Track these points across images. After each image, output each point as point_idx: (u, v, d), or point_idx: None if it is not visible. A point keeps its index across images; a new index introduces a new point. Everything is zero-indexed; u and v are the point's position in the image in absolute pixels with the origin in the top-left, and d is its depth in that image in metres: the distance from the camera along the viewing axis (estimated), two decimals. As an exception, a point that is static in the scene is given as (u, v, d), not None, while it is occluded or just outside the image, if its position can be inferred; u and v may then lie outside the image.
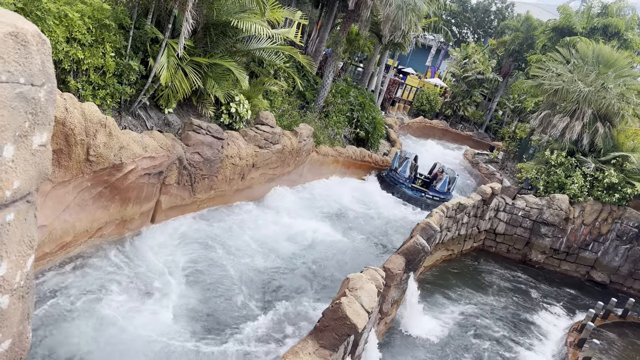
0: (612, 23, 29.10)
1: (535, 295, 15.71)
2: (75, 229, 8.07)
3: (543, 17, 39.41)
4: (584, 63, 20.37)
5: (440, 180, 20.26)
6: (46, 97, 2.51)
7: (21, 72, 2.29)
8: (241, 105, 12.62)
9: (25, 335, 2.87)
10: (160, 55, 9.94)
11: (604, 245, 18.37)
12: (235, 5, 11.53)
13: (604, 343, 12.38)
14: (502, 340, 12.00)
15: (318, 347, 5.87)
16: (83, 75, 8.71)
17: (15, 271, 2.58)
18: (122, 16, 9.53)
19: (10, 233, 2.47)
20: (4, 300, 2.54)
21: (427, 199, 19.55)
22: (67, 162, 7.14)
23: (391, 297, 9.36)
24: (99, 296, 7.53)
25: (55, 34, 7.80)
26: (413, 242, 10.00)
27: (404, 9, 18.74)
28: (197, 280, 9.02)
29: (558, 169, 19.25)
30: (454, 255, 16.43)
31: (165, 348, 6.99)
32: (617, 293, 17.50)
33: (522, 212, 18.27)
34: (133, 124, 10.07)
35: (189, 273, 9.15)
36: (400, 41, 25.66)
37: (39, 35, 2.39)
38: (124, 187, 8.64)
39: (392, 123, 30.65)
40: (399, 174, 20.13)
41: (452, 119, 42.75)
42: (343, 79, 24.71)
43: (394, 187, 19.87)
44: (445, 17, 51.14)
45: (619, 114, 19.23)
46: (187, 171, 10.26)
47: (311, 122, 17.23)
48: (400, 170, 20.27)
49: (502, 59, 41.34)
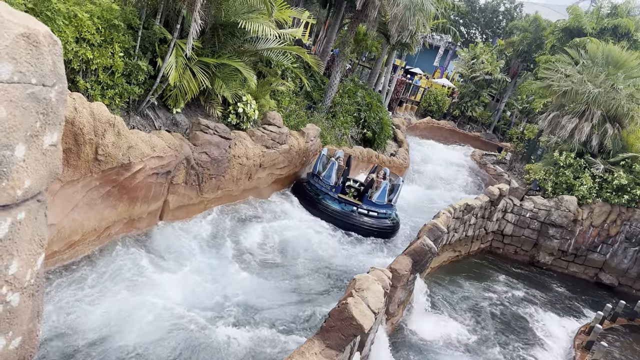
0: (622, 23, 28.86)
1: (543, 297, 15.62)
2: (84, 227, 8.12)
3: (552, 18, 39.17)
4: (593, 64, 20.23)
5: (378, 189, 14.60)
6: (57, 98, 2.53)
7: (33, 72, 2.31)
8: (249, 106, 12.65)
9: (35, 333, 2.90)
10: (169, 56, 9.98)
11: (612, 247, 18.23)
12: (243, 6, 11.55)
13: (612, 346, 12.29)
14: (509, 341, 11.95)
15: (324, 347, 5.88)
16: (92, 75, 8.77)
17: (26, 269, 2.61)
18: (130, 16, 9.58)
19: (21, 232, 2.50)
20: (14, 298, 2.57)
21: (360, 217, 14.17)
22: (76, 161, 7.19)
23: (398, 298, 9.35)
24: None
25: (65, 34, 7.86)
26: (420, 243, 9.99)
27: (412, 9, 18.71)
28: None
29: (567, 170, 19.13)
30: (461, 257, 16.37)
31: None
32: (625, 295, 17.36)
33: (530, 213, 18.18)
34: (141, 123, 10.12)
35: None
36: (408, 41, 25.60)
37: (50, 36, 2.42)
38: (132, 186, 8.69)
39: (400, 123, 30.59)
40: (322, 180, 14.48)
41: (460, 119, 42.59)
42: (350, 79, 24.70)
43: (315, 200, 14.38)
44: (453, 17, 50.95)
45: (628, 115, 19.08)
46: (194, 171, 10.30)
47: (318, 122, 17.24)
48: (323, 175, 14.54)
49: (511, 60, 41.13)
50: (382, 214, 14.46)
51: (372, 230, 14.05)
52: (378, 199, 14.37)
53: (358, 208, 14.19)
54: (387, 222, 14.57)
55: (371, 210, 14.27)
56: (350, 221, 14.03)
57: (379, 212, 14.37)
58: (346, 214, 14.09)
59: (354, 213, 14.12)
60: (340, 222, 14.02)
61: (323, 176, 14.47)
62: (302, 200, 14.59)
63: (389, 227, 14.56)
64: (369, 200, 14.35)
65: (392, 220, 14.82)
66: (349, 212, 14.13)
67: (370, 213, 14.23)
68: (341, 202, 14.22)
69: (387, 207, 14.68)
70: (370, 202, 14.35)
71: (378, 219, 14.35)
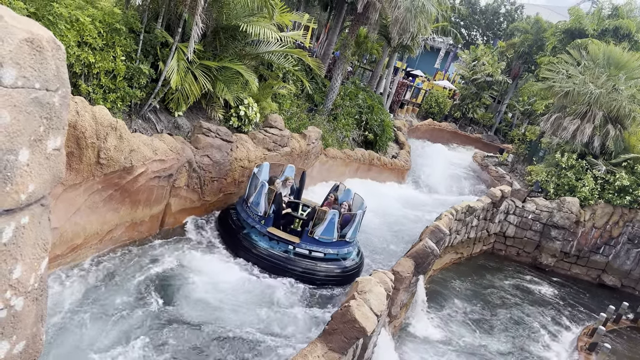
0: (623, 25, 28.86)
1: (546, 299, 15.59)
2: (86, 231, 8.14)
3: (552, 19, 39.18)
4: (594, 65, 20.22)
5: (322, 221, 10.43)
6: (60, 102, 2.54)
7: (36, 77, 2.32)
8: (250, 108, 12.67)
9: (38, 337, 2.90)
10: (171, 59, 10.01)
11: (615, 248, 18.19)
12: (245, 9, 11.59)
13: (615, 347, 12.25)
14: (512, 343, 11.92)
15: (327, 350, 5.88)
16: (94, 79, 8.80)
17: (30, 274, 2.61)
18: (132, 20, 9.62)
19: (25, 236, 2.50)
20: (18, 303, 2.57)
21: (298, 260, 10.30)
22: (78, 165, 7.21)
23: (400, 300, 9.34)
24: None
25: (67, 38, 7.89)
26: (422, 245, 9.98)
27: (413, 12, 18.72)
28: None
29: (569, 172, 19.11)
30: (464, 259, 16.35)
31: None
32: (629, 297, 17.31)
33: (532, 215, 18.15)
34: (143, 127, 10.15)
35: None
36: (409, 44, 25.64)
37: (53, 41, 2.43)
38: (134, 189, 8.71)
39: (401, 125, 30.59)
40: (250, 208, 10.75)
41: (461, 121, 42.57)
42: (352, 81, 24.73)
43: (238, 235, 10.53)
44: (454, 19, 51.00)
45: (630, 116, 19.06)
46: (196, 174, 10.32)
47: (320, 124, 17.25)
48: (251, 201, 10.72)
49: (512, 61, 41.12)
50: (331, 254, 10.58)
51: (314, 277, 10.36)
52: (323, 234, 10.40)
53: (295, 247, 10.29)
54: (338, 266, 10.66)
55: (314, 251, 10.40)
56: (283, 266, 10.18)
57: (326, 253, 10.52)
58: (277, 255, 10.20)
59: (289, 254, 10.26)
60: (270, 267, 10.20)
61: (251, 202, 10.67)
62: (224, 236, 10.85)
63: (341, 274, 10.67)
64: (310, 237, 10.40)
65: (349, 263, 10.93)
66: (281, 252, 10.24)
67: (313, 254, 10.39)
68: (272, 238, 10.34)
69: (340, 245, 10.72)
70: (311, 238, 10.41)
71: (325, 261, 10.54)
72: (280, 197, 10.88)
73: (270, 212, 10.54)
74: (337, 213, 10.48)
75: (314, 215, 10.63)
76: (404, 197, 20.37)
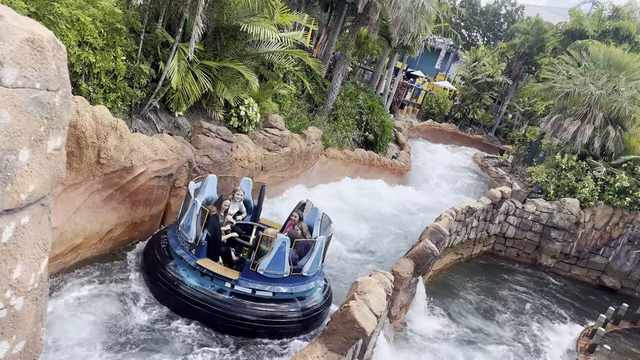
0: (624, 26, 28.87)
1: (545, 300, 15.58)
2: (86, 231, 8.14)
3: (553, 20, 39.17)
4: (595, 66, 20.22)
5: (269, 251, 7.98)
6: (61, 102, 2.54)
7: (37, 77, 2.32)
8: (250, 109, 12.68)
9: (38, 337, 2.90)
10: (171, 59, 10.02)
11: (615, 250, 18.18)
12: (245, 10, 11.60)
13: (615, 349, 12.24)
14: (512, 344, 11.91)
15: (326, 350, 5.88)
16: (94, 79, 8.81)
17: (30, 274, 2.61)
18: (133, 20, 9.62)
19: (25, 236, 2.51)
20: (18, 302, 2.58)
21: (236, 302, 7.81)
22: (79, 164, 7.22)
23: (400, 301, 9.34)
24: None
25: (68, 38, 7.90)
26: (422, 246, 9.97)
27: (413, 13, 18.72)
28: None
29: (569, 173, 19.10)
30: (463, 259, 16.34)
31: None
32: (628, 298, 17.30)
33: (532, 216, 18.14)
34: (143, 127, 10.15)
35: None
36: (410, 44, 25.62)
37: (54, 41, 2.43)
38: (134, 189, 8.71)
39: (401, 126, 30.61)
40: (180, 234, 8.41)
41: (462, 122, 42.56)
42: (352, 82, 24.74)
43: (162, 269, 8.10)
44: (455, 20, 51.00)
45: (630, 117, 19.04)
46: (196, 174, 10.32)
47: (320, 125, 17.25)
48: (182, 225, 8.42)
49: (512, 62, 41.13)
50: (283, 294, 8.13)
51: (259, 326, 7.92)
52: (270, 268, 7.90)
53: (233, 285, 7.82)
54: (293, 308, 8.20)
55: (258, 290, 7.92)
56: (216, 312, 7.67)
57: (276, 292, 8.06)
58: (208, 297, 7.71)
59: (224, 295, 7.77)
60: (198, 313, 7.73)
61: (181, 226, 8.38)
62: (148, 273, 8.38)
63: (296, 320, 8.22)
64: (252, 271, 7.89)
65: (310, 304, 8.47)
66: (213, 293, 7.76)
67: (257, 293, 7.92)
68: (204, 274, 7.89)
69: (294, 281, 8.27)
70: (254, 273, 7.89)
71: (275, 303, 8.07)
72: (216, 220, 8.23)
73: (203, 238, 8.08)
74: (287, 240, 7.89)
75: (261, 241, 8.18)
76: (403, 197, 20.37)
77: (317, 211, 9.76)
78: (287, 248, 7.92)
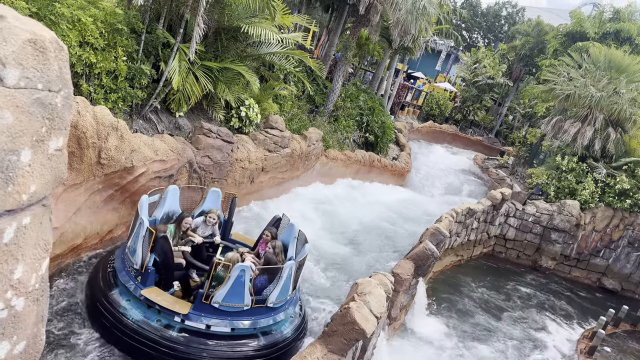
0: (624, 28, 28.87)
1: (545, 302, 15.58)
2: (86, 231, 8.14)
3: (554, 22, 39.17)
4: (595, 68, 20.22)
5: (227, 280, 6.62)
6: (63, 103, 2.54)
7: (39, 78, 2.33)
8: (251, 109, 12.68)
9: (39, 338, 2.90)
10: (172, 60, 10.02)
11: (615, 252, 18.18)
12: (246, 10, 11.61)
13: (615, 351, 12.24)
14: (511, 346, 11.91)
15: (326, 352, 5.87)
16: (95, 79, 8.81)
17: (31, 274, 2.61)
18: (134, 21, 9.63)
19: (26, 236, 2.51)
20: (19, 303, 2.58)
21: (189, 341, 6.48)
22: (79, 165, 7.22)
23: (400, 302, 9.34)
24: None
25: (69, 38, 7.90)
26: (422, 248, 9.97)
27: (414, 14, 18.74)
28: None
29: (569, 175, 19.10)
30: (464, 261, 16.34)
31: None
32: (629, 300, 17.29)
33: (532, 217, 18.14)
34: (144, 127, 10.16)
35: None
36: (410, 46, 25.62)
37: (56, 41, 2.43)
38: (135, 190, 8.71)
39: (402, 127, 30.62)
40: (126, 255, 7.16)
41: (462, 123, 42.54)
42: (353, 83, 24.75)
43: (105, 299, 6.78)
44: (456, 22, 51.02)
45: (630, 119, 19.04)
46: (197, 174, 10.32)
47: (320, 126, 17.26)
48: (129, 247, 7.18)
49: (513, 64, 41.11)
50: (244, 329, 6.97)
51: None
52: (227, 300, 6.74)
53: (183, 320, 6.61)
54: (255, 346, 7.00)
55: (214, 325, 6.74)
56: (163, 352, 6.43)
57: (235, 328, 6.90)
58: (153, 335, 6.46)
59: (172, 332, 6.54)
60: (145, 355, 6.47)
61: (128, 248, 7.21)
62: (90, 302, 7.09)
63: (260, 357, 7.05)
64: (205, 303, 6.71)
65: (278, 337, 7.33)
66: (160, 329, 6.52)
67: (212, 329, 6.73)
68: (150, 305, 6.66)
69: (258, 313, 7.13)
70: (208, 306, 6.73)
71: (233, 340, 6.86)
72: (165, 243, 7.05)
73: (150, 264, 6.91)
74: (247, 268, 6.72)
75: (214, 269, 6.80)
76: (403, 198, 20.37)
77: (293, 227, 8.52)
78: (246, 277, 6.67)
